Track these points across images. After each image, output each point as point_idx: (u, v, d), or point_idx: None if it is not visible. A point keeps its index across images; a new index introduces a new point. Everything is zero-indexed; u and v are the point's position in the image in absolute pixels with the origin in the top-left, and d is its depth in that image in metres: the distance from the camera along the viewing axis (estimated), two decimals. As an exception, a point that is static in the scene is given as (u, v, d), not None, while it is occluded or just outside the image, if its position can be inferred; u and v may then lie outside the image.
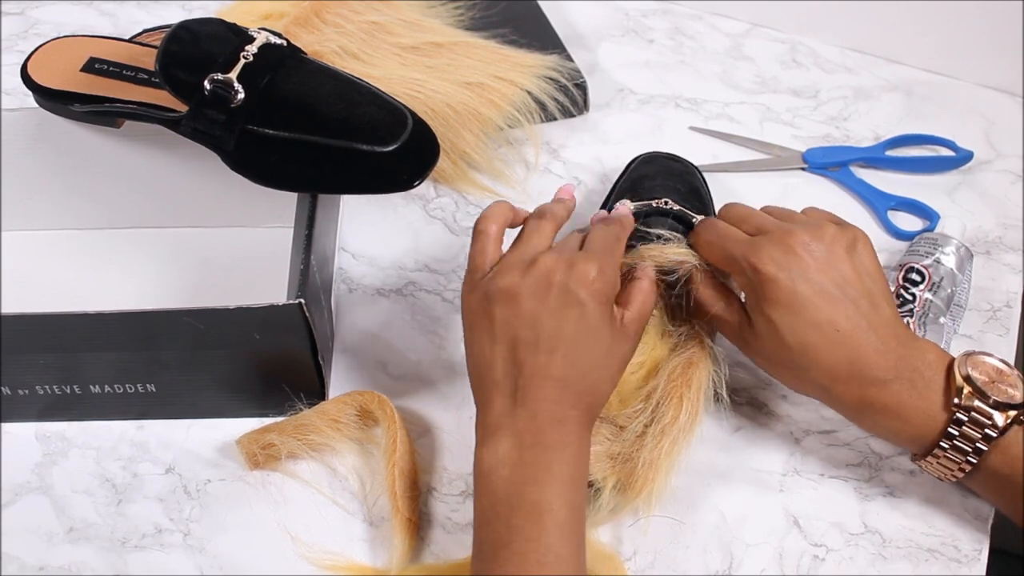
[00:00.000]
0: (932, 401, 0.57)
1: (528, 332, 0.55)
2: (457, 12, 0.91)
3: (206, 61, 0.64)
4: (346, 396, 0.66)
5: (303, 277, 0.61)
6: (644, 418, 0.61)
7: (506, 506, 0.53)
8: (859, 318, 0.58)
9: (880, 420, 0.59)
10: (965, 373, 0.57)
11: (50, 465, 0.66)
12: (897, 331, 0.59)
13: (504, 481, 0.53)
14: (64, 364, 0.63)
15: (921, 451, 0.59)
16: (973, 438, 0.56)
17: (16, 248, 0.76)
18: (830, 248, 0.59)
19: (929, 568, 0.61)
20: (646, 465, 0.60)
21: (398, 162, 0.63)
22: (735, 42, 0.95)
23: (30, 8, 0.99)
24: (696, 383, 0.62)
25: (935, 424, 0.57)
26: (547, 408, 0.55)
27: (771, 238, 0.60)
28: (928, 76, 0.91)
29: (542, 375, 0.55)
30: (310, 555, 0.61)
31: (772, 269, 0.58)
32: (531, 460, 0.54)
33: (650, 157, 0.77)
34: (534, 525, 0.52)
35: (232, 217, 0.76)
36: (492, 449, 0.55)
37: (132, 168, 0.74)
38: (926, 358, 0.58)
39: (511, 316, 0.56)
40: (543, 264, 0.57)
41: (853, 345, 0.58)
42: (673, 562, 0.61)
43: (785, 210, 0.65)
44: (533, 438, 0.54)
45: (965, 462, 0.57)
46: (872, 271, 0.60)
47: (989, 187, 0.82)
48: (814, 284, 0.58)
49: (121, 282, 0.74)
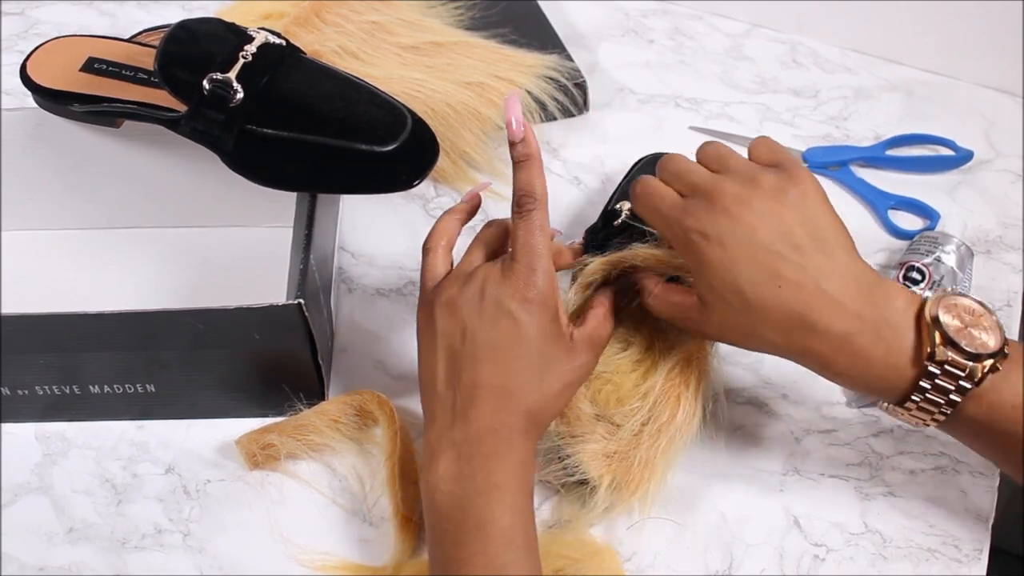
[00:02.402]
0: (901, 352, 0.53)
1: (465, 343, 0.56)
2: (457, 12, 0.91)
3: (205, 61, 0.64)
4: (346, 396, 0.66)
5: (302, 277, 0.61)
6: (641, 416, 0.60)
7: (451, 522, 0.53)
8: (805, 267, 0.53)
9: (847, 372, 0.55)
10: (935, 315, 0.53)
11: (50, 465, 0.66)
12: (858, 277, 0.54)
13: (446, 496, 0.53)
14: (64, 364, 0.63)
15: (892, 400, 0.56)
16: (946, 390, 0.53)
17: (16, 248, 0.76)
18: (764, 200, 0.54)
19: (929, 568, 0.61)
20: (642, 464, 0.59)
21: (398, 162, 0.63)
22: (735, 42, 0.95)
23: (30, 8, 0.99)
24: (694, 382, 0.62)
25: (905, 377, 0.54)
26: (484, 417, 0.54)
27: (701, 199, 0.55)
28: (928, 76, 0.91)
29: (477, 384, 0.55)
30: (303, 557, 0.61)
31: (704, 229, 0.54)
32: (469, 473, 0.53)
33: (655, 158, 0.76)
34: (478, 538, 0.52)
35: (232, 217, 0.76)
36: (433, 467, 0.54)
37: (132, 168, 0.74)
38: (893, 304, 0.54)
39: (450, 327, 0.56)
40: (478, 276, 0.57)
41: (802, 297, 0.53)
42: (673, 562, 0.61)
43: (721, 152, 0.58)
44: (471, 449, 0.54)
45: (939, 413, 0.54)
46: (820, 217, 0.55)
47: (989, 186, 0.82)
48: (747, 238, 0.54)
49: (121, 282, 0.74)
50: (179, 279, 0.74)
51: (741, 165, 0.57)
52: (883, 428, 0.67)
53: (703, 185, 0.56)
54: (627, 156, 0.78)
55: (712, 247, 0.54)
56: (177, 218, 0.76)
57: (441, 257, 0.61)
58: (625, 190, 0.74)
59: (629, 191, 0.61)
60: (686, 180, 0.57)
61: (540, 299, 0.56)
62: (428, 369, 0.58)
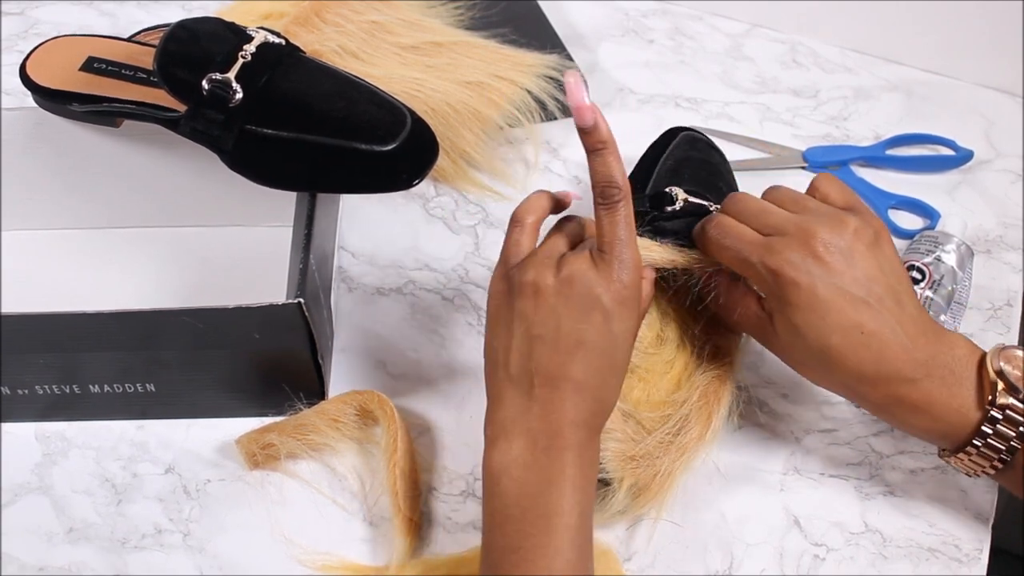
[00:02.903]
0: (964, 398, 0.55)
1: (548, 330, 0.54)
2: (457, 12, 0.91)
3: (204, 60, 0.64)
4: (346, 395, 0.66)
5: (302, 276, 0.61)
6: (672, 427, 0.60)
7: (517, 508, 0.52)
8: (885, 317, 0.56)
9: (909, 418, 0.57)
10: (998, 368, 0.55)
11: (50, 465, 0.66)
12: (924, 327, 0.56)
13: (516, 483, 0.52)
14: (64, 364, 0.63)
15: (952, 447, 0.57)
16: (1008, 436, 0.55)
17: (16, 248, 0.76)
18: (852, 245, 0.56)
19: (930, 568, 0.61)
20: (664, 475, 0.59)
21: (398, 161, 0.63)
22: (735, 42, 0.95)
23: (30, 8, 0.99)
24: (724, 402, 0.62)
25: (968, 422, 0.55)
26: (565, 410, 0.53)
27: (789, 240, 0.56)
28: (928, 76, 0.91)
29: (560, 376, 0.53)
30: (304, 557, 0.61)
31: (792, 273, 0.55)
32: (545, 463, 0.52)
33: (693, 140, 0.74)
34: (544, 530, 0.51)
35: (232, 217, 0.76)
36: (504, 449, 0.53)
37: (131, 168, 0.74)
38: (955, 353, 0.56)
39: (532, 311, 0.54)
40: (568, 263, 0.55)
41: (879, 346, 0.55)
42: (673, 562, 0.61)
43: (795, 195, 0.60)
44: (548, 440, 0.53)
45: (998, 460, 0.55)
46: (895, 266, 0.57)
47: (989, 186, 0.82)
48: (837, 287, 0.55)
49: (121, 282, 0.74)
50: (179, 279, 0.74)
51: (820, 207, 0.59)
52: (883, 428, 0.67)
53: (788, 226, 0.57)
54: (627, 156, 0.78)
55: (800, 292, 0.56)
56: (177, 218, 0.76)
57: (528, 232, 0.58)
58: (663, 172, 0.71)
59: (700, 228, 0.61)
60: (766, 220, 0.58)
61: (631, 295, 0.54)
62: (498, 349, 0.55)
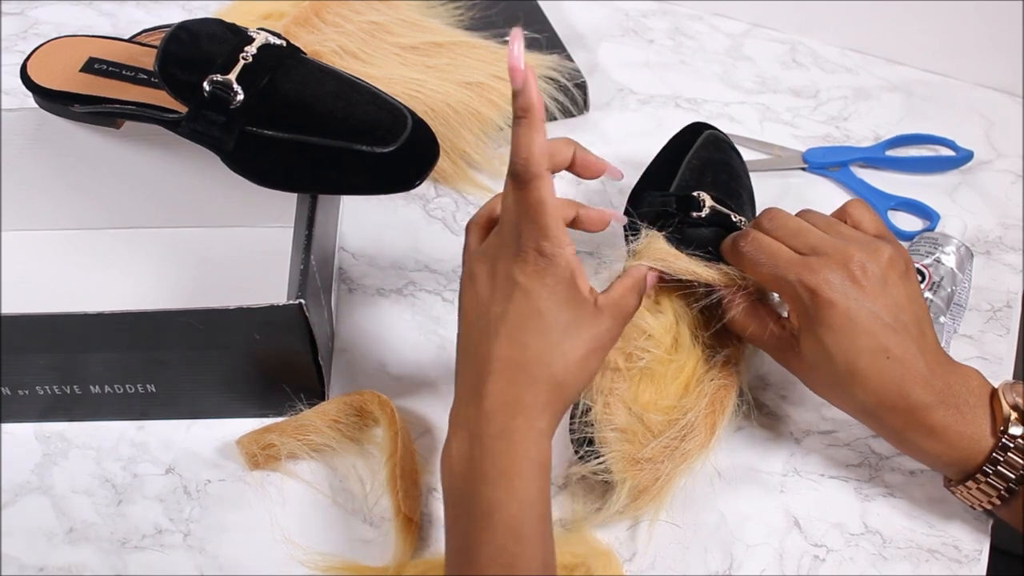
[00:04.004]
0: (978, 426, 0.57)
1: (480, 318, 0.55)
2: (457, 12, 0.91)
3: (205, 62, 0.64)
4: (346, 396, 0.66)
5: (303, 277, 0.61)
6: (677, 432, 0.60)
7: (462, 507, 0.52)
8: (909, 345, 0.57)
9: (924, 443, 0.58)
10: (1013, 401, 0.57)
11: (50, 465, 0.66)
12: (940, 357, 0.58)
13: (457, 479, 0.52)
14: (64, 364, 0.63)
15: (959, 477, 0.58)
16: (1017, 465, 0.56)
17: (16, 248, 0.76)
18: (886, 272, 0.58)
19: (930, 568, 0.61)
20: (665, 479, 0.60)
21: (398, 162, 0.63)
22: (735, 42, 0.95)
23: (30, 8, 0.99)
24: (728, 410, 0.63)
25: (980, 449, 0.57)
26: (497, 392, 0.52)
27: (828, 260, 0.58)
28: (928, 76, 0.91)
29: (491, 358, 0.53)
30: (304, 557, 0.61)
31: (830, 294, 0.57)
32: (479, 455, 0.52)
33: (716, 140, 0.74)
34: (484, 527, 0.50)
35: (232, 217, 0.76)
36: (447, 446, 0.53)
37: (132, 169, 0.74)
38: (970, 384, 0.58)
39: (471, 302, 0.56)
40: (490, 250, 0.56)
41: (902, 372, 0.57)
42: (673, 563, 0.61)
43: (828, 219, 0.62)
44: (480, 428, 0.52)
45: (1006, 489, 0.57)
46: (919, 296, 0.60)
47: (989, 187, 0.82)
48: (870, 311, 0.57)
49: (121, 282, 0.74)
50: (179, 280, 0.74)
51: (855, 233, 0.61)
52: (883, 429, 0.67)
53: (826, 247, 0.59)
54: (627, 156, 0.78)
55: (836, 312, 0.57)
56: (177, 218, 0.76)
57: (473, 236, 0.59)
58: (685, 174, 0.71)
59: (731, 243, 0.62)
60: (805, 240, 0.60)
61: (551, 268, 0.53)
62: (457, 345, 0.57)
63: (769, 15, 0.96)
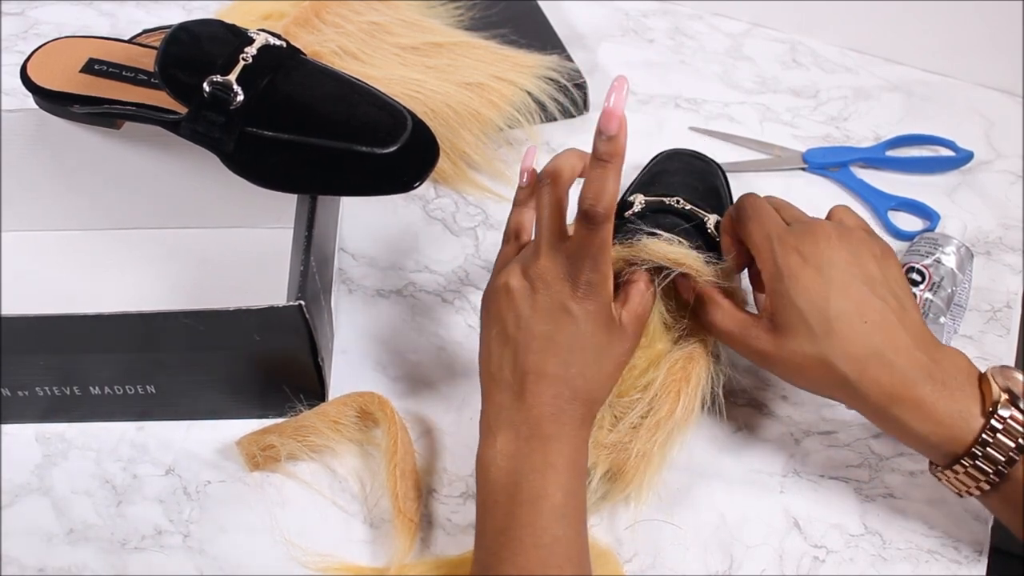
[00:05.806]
0: (965, 405, 0.55)
1: (522, 333, 0.57)
2: (457, 12, 0.91)
3: (205, 63, 0.64)
4: (346, 397, 0.66)
5: (303, 278, 0.61)
6: (641, 409, 0.61)
7: (504, 494, 0.54)
8: (888, 314, 0.57)
9: (909, 422, 0.56)
10: (1004, 384, 0.55)
11: (50, 466, 0.66)
12: (926, 336, 0.58)
13: (502, 472, 0.55)
14: (64, 365, 0.63)
15: (946, 460, 0.56)
16: (1005, 447, 0.54)
17: (16, 248, 0.76)
18: (859, 248, 0.59)
19: (929, 569, 0.61)
20: (639, 456, 0.60)
21: (398, 163, 0.63)
22: (735, 42, 0.95)
23: (30, 8, 0.99)
24: (695, 379, 0.62)
25: (968, 429, 0.55)
26: (544, 403, 0.56)
27: (802, 227, 0.60)
28: (928, 76, 0.91)
29: (535, 372, 0.56)
30: (304, 558, 0.61)
31: (799, 253, 0.59)
32: (527, 451, 0.55)
33: (673, 153, 0.78)
34: (530, 510, 0.53)
35: (232, 217, 0.76)
36: (490, 443, 0.56)
37: (132, 169, 0.74)
38: (957, 363, 0.57)
39: (507, 314, 0.58)
40: (536, 270, 0.57)
41: (882, 337, 0.57)
42: (673, 563, 0.61)
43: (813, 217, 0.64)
44: (530, 431, 0.55)
45: (994, 474, 0.55)
46: (900, 281, 0.60)
47: (989, 187, 0.82)
48: (843, 273, 0.58)
49: (121, 283, 0.74)
50: (179, 280, 0.74)
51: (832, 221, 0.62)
52: (883, 429, 0.67)
53: (805, 219, 0.62)
54: (627, 157, 0.78)
55: (809, 269, 0.58)
56: (177, 219, 0.76)
57: (510, 245, 0.63)
58: (642, 183, 0.74)
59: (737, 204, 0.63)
60: (788, 212, 0.63)
61: (596, 298, 0.57)
62: (483, 349, 0.59)
63: (769, 15, 0.96)
